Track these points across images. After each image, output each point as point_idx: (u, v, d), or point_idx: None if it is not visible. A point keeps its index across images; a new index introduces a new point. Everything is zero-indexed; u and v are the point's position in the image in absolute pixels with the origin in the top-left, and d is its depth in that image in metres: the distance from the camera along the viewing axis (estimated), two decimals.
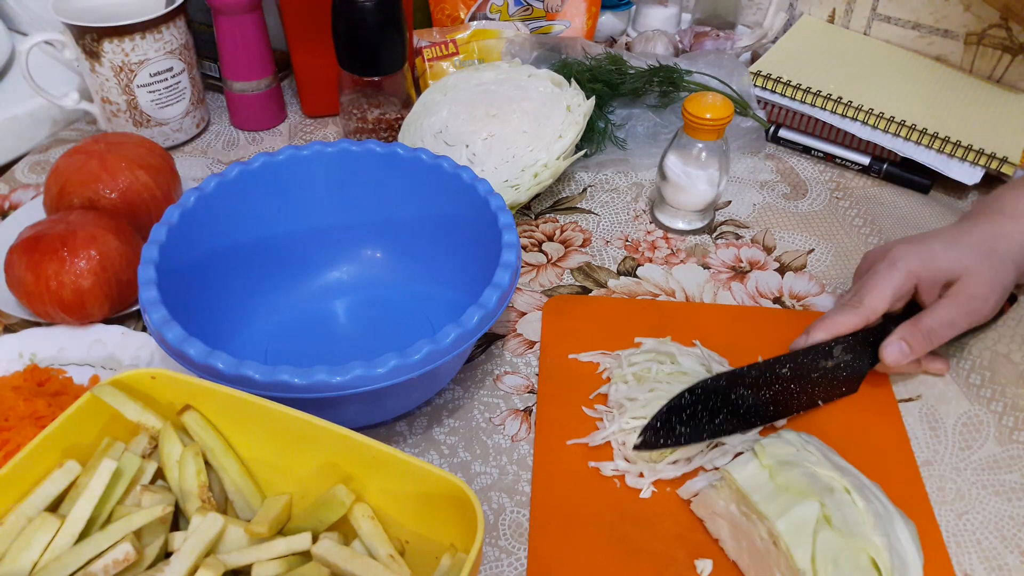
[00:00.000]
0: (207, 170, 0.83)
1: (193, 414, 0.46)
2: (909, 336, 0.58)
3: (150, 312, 0.51)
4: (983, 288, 0.57)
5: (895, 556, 0.45)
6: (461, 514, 0.41)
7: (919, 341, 0.57)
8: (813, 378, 0.58)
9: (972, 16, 0.85)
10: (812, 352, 0.59)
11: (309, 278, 0.67)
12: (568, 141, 0.72)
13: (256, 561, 0.42)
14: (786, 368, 0.58)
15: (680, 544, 0.51)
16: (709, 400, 0.55)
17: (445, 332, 0.50)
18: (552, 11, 0.91)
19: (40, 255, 0.60)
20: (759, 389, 0.57)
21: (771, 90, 0.83)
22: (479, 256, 0.60)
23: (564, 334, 0.64)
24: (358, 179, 0.65)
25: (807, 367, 0.58)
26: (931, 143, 0.78)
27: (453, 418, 0.60)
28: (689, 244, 0.75)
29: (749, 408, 0.56)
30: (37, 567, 0.40)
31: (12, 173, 0.83)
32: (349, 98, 0.78)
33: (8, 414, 0.54)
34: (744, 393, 0.56)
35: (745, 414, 0.56)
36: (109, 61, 0.77)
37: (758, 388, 0.57)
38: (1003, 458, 0.57)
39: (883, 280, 0.59)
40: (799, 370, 0.58)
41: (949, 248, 0.59)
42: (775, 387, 0.57)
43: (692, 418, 0.54)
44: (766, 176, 0.83)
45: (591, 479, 0.55)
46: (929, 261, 0.58)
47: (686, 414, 0.54)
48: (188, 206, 0.58)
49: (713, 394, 0.55)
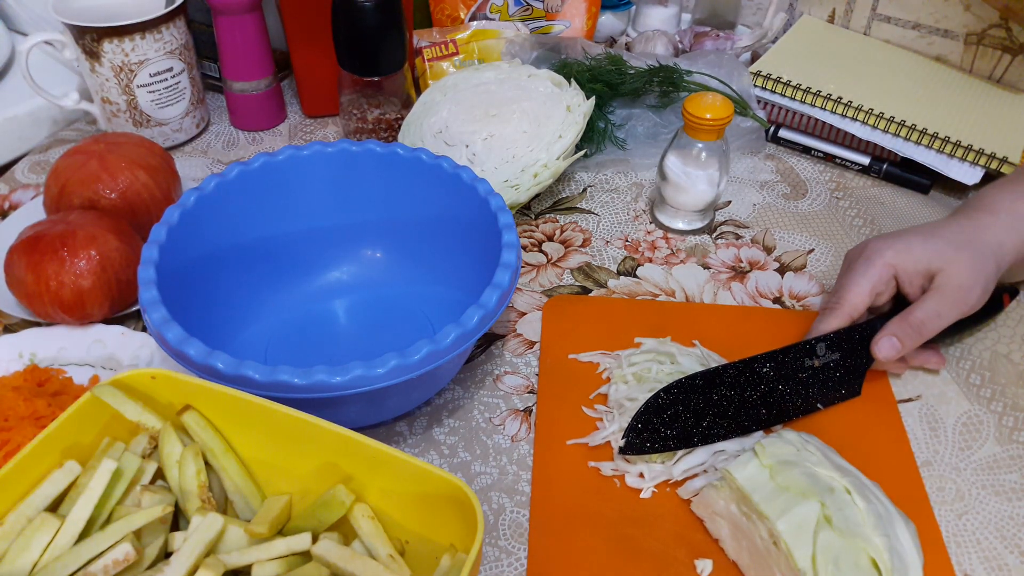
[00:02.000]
0: (207, 170, 0.83)
1: (193, 414, 0.46)
2: (898, 330, 0.58)
3: (150, 312, 0.51)
4: (965, 278, 0.57)
5: (895, 556, 0.45)
6: (461, 514, 0.41)
7: (908, 335, 0.58)
8: (802, 378, 0.58)
9: (972, 16, 0.85)
10: (792, 350, 0.58)
11: (309, 278, 0.67)
12: (568, 141, 0.72)
13: (256, 561, 0.42)
14: (767, 367, 0.57)
15: (680, 544, 0.51)
16: (690, 400, 0.55)
17: (445, 332, 0.50)
18: (552, 11, 0.91)
19: (40, 255, 0.60)
20: (743, 389, 0.56)
21: (771, 90, 0.83)
22: (479, 256, 0.60)
23: (564, 334, 0.64)
24: (358, 179, 0.65)
25: (790, 366, 0.58)
26: (931, 143, 0.78)
27: (453, 418, 0.60)
28: (689, 244, 0.75)
29: (738, 410, 0.55)
30: (37, 567, 0.40)
31: (12, 173, 0.83)
32: (349, 98, 0.78)
33: (8, 414, 0.54)
34: (728, 394, 0.56)
35: (735, 416, 0.55)
36: (109, 61, 0.77)
37: (742, 388, 0.56)
38: (1003, 458, 0.57)
39: (859, 276, 0.59)
40: (782, 369, 0.57)
41: (926, 240, 0.59)
42: (760, 387, 0.57)
43: (675, 420, 0.54)
44: (766, 176, 0.83)
45: (591, 479, 0.55)
46: (904, 252, 0.59)
47: (667, 415, 0.54)
48: (188, 206, 0.58)
49: (692, 394, 0.55)
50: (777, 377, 0.57)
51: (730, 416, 0.55)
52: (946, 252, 0.58)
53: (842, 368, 0.59)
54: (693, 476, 0.54)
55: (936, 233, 0.59)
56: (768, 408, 0.56)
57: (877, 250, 0.59)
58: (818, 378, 0.58)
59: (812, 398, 0.58)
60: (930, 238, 0.59)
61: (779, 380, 0.57)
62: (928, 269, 0.58)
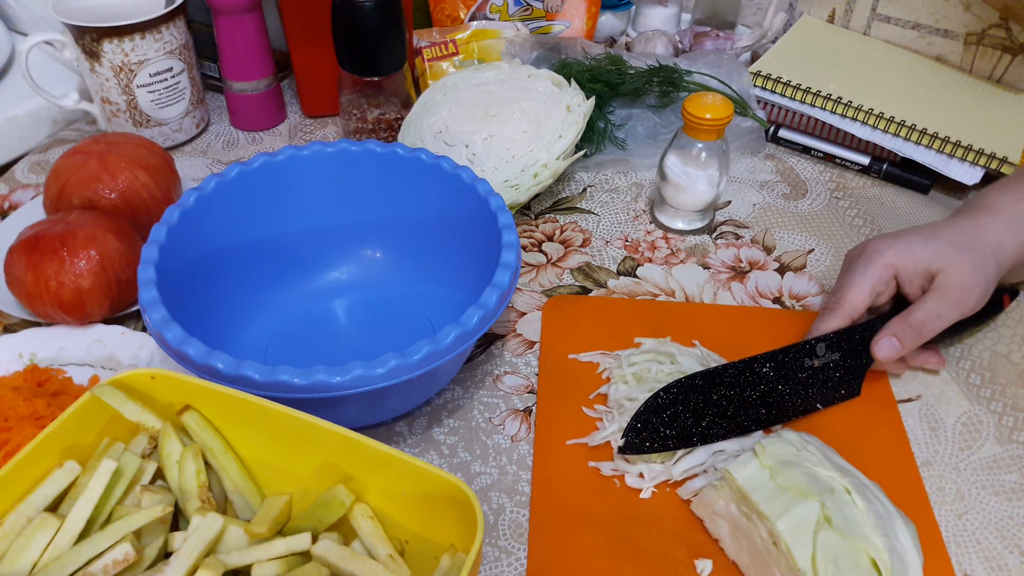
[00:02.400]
0: (207, 170, 0.83)
1: (193, 414, 0.46)
2: (898, 331, 0.58)
3: (150, 312, 0.51)
4: (966, 279, 0.57)
5: (895, 556, 0.45)
6: (461, 514, 0.41)
7: (908, 335, 0.58)
8: (801, 378, 0.58)
9: (972, 16, 0.85)
10: (792, 350, 0.58)
11: (309, 278, 0.67)
12: (568, 141, 0.72)
13: (256, 561, 0.42)
14: (767, 367, 0.57)
15: (680, 544, 0.51)
16: (689, 400, 0.55)
17: (445, 332, 0.50)
18: (552, 11, 0.91)
19: (40, 255, 0.60)
20: (743, 389, 0.56)
21: (771, 90, 0.83)
22: (479, 256, 0.60)
23: (564, 334, 0.64)
24: (358, 179, 0.65)
25: (790, 366, 0.58)
26: (931, 143, 0.78)
27: (453, 418, 0.60)
28: (689, 244, 0.75)
29: (738, 410, 0.55)
30: (37, 567, 0.40)
31: (12, 173, 0.83)
32: (349, 98, 0.78)
33: (8, 414, 0.54)
34: (728, 393, 0.56)
35: (735, 416, 0.55)
36: (109, 61, 0.77)
37: (742, 388, 0.56)
38: (1003, 458, 0.57)
39: (859, 276, 0.59)
40: (782, 369, 0.57)
41: (926, 241, 0.59)
42: (760, 387, 0.57)
43: (675, 419, 0.54)
44: (766, 176, 0.83)
45: (591, 479, 0.55)
46: (904, 252, 0.59)
47: (667, 415, 0.54)
48: (188, 206, 0.58)
49: (691, 393, 0.55)
50: (777, 377, 0.57)
51: (729, 416, 0.55)
52: (947, 252, 0.58)
53: (842, 368, 0.59)
54: (693, 476, 0.54)
55: (937, 233, 0.59)
56: (768, 408, 0.56)
57: (877, 250, 0.59)
58: (818, 378, 0.58)
59: (812, 398, 0.58)
60: (930, 238, 0.59)
61: (779, 380, 0.57)
62: (928, 269, 0.58)
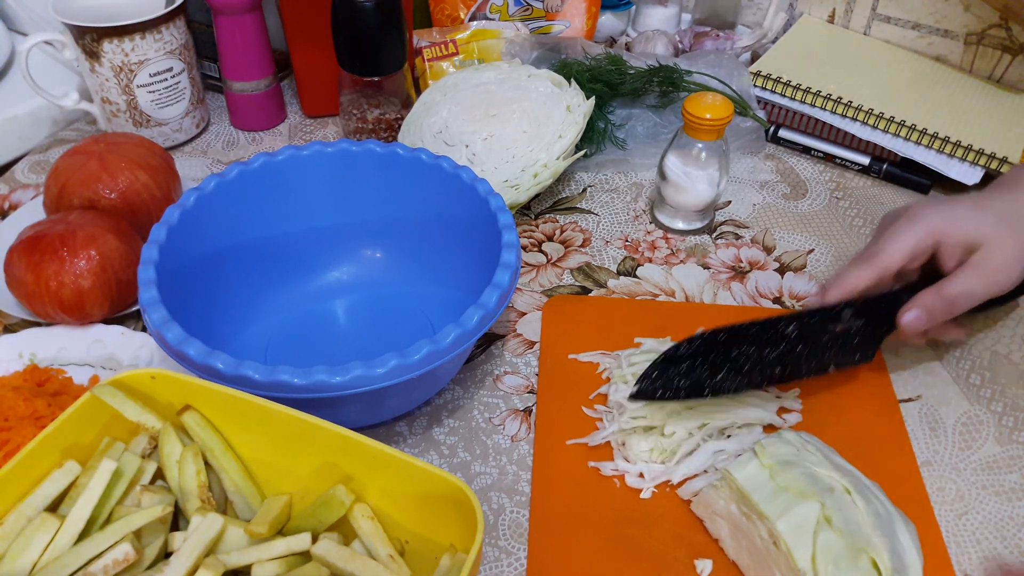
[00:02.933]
0: (207, 170, 0.83)
1: (193, 414, 0.46)
2: (930, 303, 0.56)
3: (150, 312, 0.51)
4: (1007, 259, 0.56)
5: (895, 557, 0.45)
6: (461, 514, 0.41)
7: (939, 308, 0.56)
8: (822, 341, 0.57)
9: (972, 16, 0.85)
10: (820, 313, 0.57)
11: (309, 278, 0.67)
12: (568, 141, 0.72)
13: (256, 561, 0.42)
14: (792, 327, 0.56)
15: (680, 544, 0.51)
16: (709, 354, 0.54)
17: (445, 332, 0.50)
18: (552, 11, 0.91)
19: (40, 255, 0.60)
20: (763, 347, 0.55)
21: (771, 90, 0.83)
22: (479, 256, 0.60)
23: (564, 334, 0.65)
24: (358, 179, 0.65)
25: (815, 329, 0.57)
26: (931, 143, 0.78)
27: (453, 418, 0.60)
28: (689, 244, 0.75)
29: (754, 366, 0.54)
30: (37, 567, 0.40)
31: (12, 173, 0.83)
32: (349, 98, 0.78)
33: (8, 414, 0.54)
34: (748, 351, 0.55)
35: (750, 372, 0.54)
36: (109, 61, 0.77)
37: (762, 346, 0.55)
38: (1003, 458, 0.57)
39: (902, 233, 0.57)
40: (806, 331, 0.56)
41: (973, 212, 0.57)
42: (781, 346, 0.56)
43: (691, 371, 0.53)
44: (766, 176, 0.83)
45: (591, 479, 0.55)
46: (951, 220, 0.56)
47: (684, 366, 0.53)
48: (188, 206, 0.58)
49: (712, 347, 0.54)
50: (799, 338, 0.56)
51: (745, 371, 0.54)
52: (991, 228, 0.56)
53: (860, 334, 0.58)
54: (693, 476, 0.54)
55: (984, 205, 0.57)
56: (783, 367, 0.56)
57: (923, 214, 0.57)
58: (837, 342, 0.57)
59: (827, 361, 0.57)
60: (977, 211, 0.57)
61: (799, 341, 0.56)
62: (971, 242, 0.56)
